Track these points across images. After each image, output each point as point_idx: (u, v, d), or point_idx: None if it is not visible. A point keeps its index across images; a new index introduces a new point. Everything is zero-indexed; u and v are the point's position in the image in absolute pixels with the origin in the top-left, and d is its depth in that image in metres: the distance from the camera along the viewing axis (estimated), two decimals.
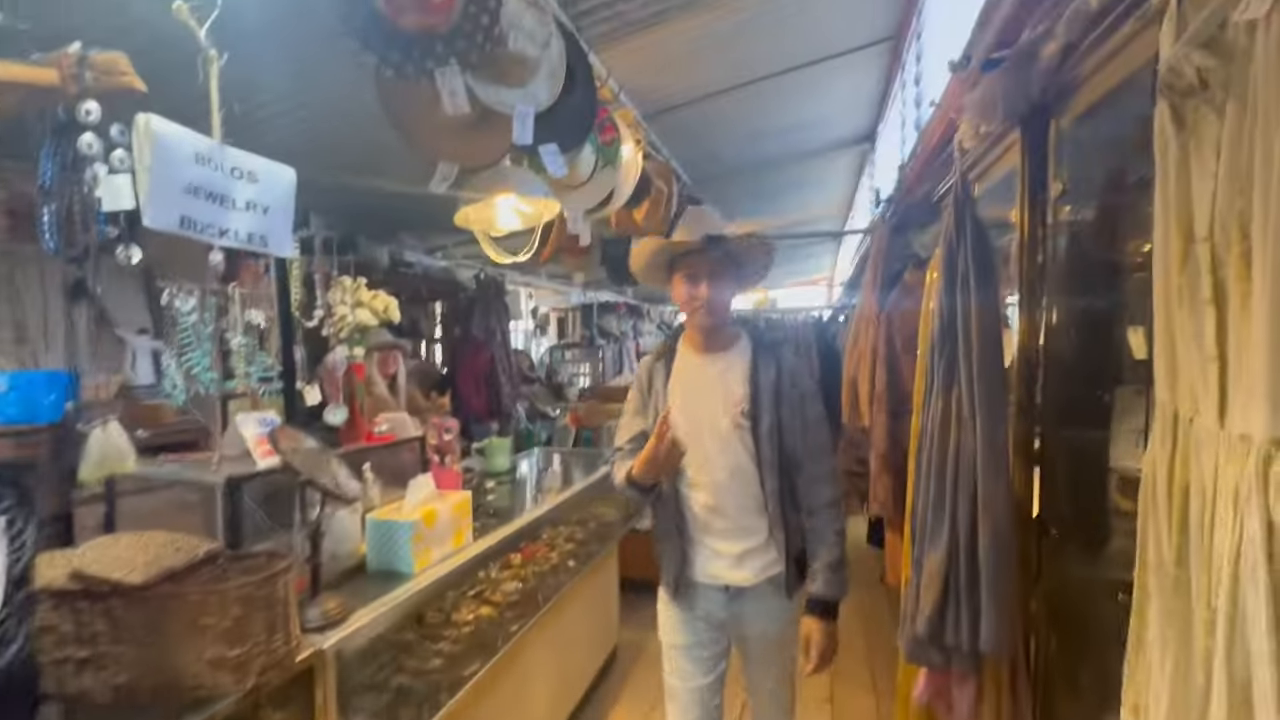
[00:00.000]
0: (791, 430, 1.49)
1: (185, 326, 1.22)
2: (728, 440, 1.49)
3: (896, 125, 3.07)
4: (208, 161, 0.96)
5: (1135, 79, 1.23)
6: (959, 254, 1.41)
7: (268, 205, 1.06)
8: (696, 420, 1.49)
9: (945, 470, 1.43)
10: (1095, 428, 1.56)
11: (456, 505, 1.61)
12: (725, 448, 1.50)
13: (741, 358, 1.55)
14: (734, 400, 1.50)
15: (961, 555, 1.37)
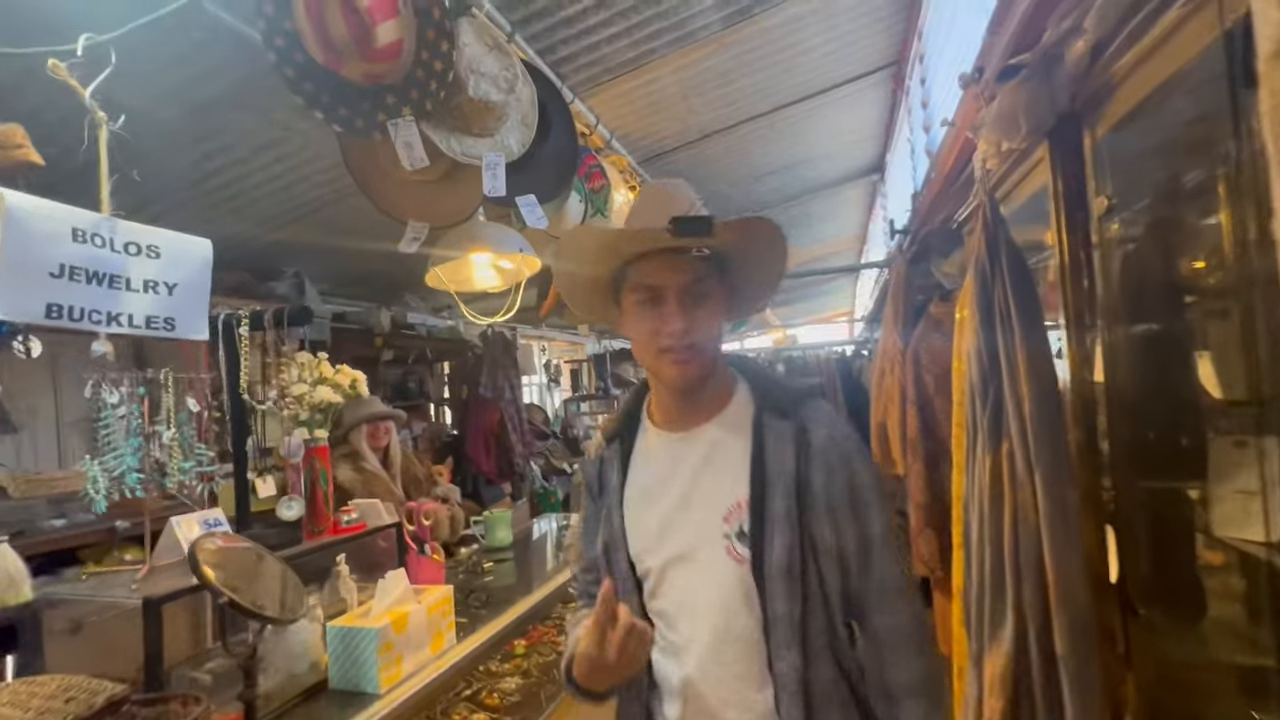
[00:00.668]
0: (831, 559, 0.87)
1: (108, 421, 1.08)
2: (715, 578, 0.87)
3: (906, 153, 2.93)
4: (90, 238, 0.83)
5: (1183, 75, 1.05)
6: (995, 286, 1.21)
7: (175, 283, 0.92)
8: (665, 544, 0.91)
9: (1002, 543, 1.19)
10: (1178, 479, 1.31)
11: (435, 604, 1.41)
12: (711, 590, 0.88)
13: (736, 429, 0.92)
14: (722, 507, 0.88)
15: (1034, 653, 1.12)
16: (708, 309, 0.90)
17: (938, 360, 2.35)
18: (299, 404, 1.35)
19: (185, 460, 1.16)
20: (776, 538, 0.85)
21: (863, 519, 0.91)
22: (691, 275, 0.89)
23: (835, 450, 0.90)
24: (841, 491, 0.89)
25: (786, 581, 0.85)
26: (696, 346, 0.88)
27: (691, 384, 0.91)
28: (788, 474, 0.87)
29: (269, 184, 2.28)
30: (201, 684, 1.27)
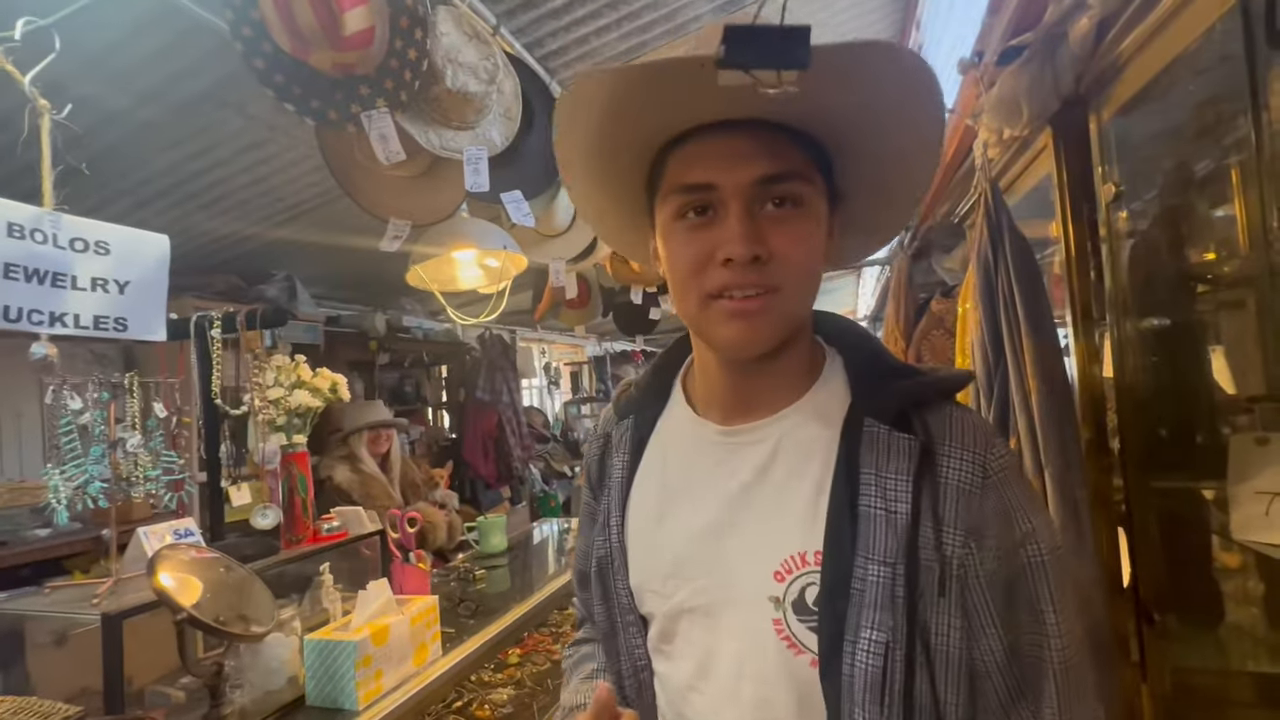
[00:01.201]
0: (958, 677, 0.53)
1: (70, 430, 1.03)
2: (751, 658, 0.57)
3: None
4: (30, 234, 0.78)
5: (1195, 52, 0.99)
6: (998, 276, 1.16)
7: (126, 281, 0.87)
8: (677, 585, 0.61)
9: None
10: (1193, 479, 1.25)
11: (419, 615, 1.36)
12: (743, 671, 0.58)
13: (816, 433, 0.59)
14: (775, 554, 0.57)
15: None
16: (799, 227, 0.54)
17: (940, 357, 2.29)
18: (275, 408, 1.31)
19: (152, 468, 1.12)
20: (864, 630, 0.51)
21: (1026, 623, 0.53)
22: (768, 167, 0.53)
23: (980, 492, 0.53)
24: (988, 568, 0.52)
25: (876, 701, 0.50)
26: (775, 290, 0.54)
27: (758, 352, 0.56)
28: (898, 522, 0.52)
29: (256, 185, 2.24)
30: (175, 701, 1.22)
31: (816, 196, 0.56)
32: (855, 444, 0.56)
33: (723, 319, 0.55)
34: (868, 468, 0.54)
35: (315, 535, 1.38)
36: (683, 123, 0.55)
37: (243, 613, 0.95)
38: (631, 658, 0.64)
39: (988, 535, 0.53)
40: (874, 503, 0.53)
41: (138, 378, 1.12)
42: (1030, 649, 0.53)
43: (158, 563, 0.90)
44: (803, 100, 0.48)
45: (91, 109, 1.68)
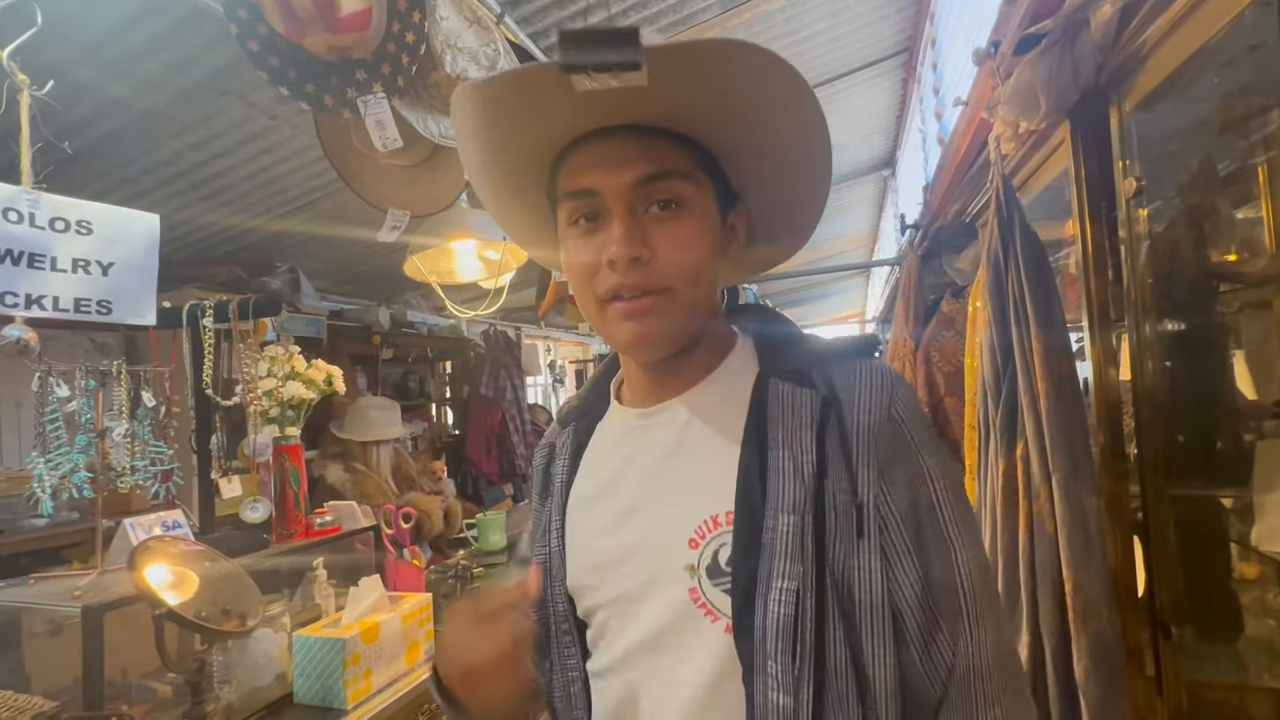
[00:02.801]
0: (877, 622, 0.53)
1: (55, 418, 1.01)
2: (674, 639, 0.57)
3: (917, 144, 2.82)
4: (3, 213, 0.76)
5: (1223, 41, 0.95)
6: (1008, 274, 1.11)
7: (110, 262, 0.85)
8: (607, 574, 0.61)
9: (1016, 555, 1.10)
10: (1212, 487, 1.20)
11: (411, 612, 1.33)
12: (667, 658, 0.58)
13: (725, 402, 0.60)
14: (688, 523, 0.57)
15: (1051, 673, 1.02)
16: (683, 226, 0.55)
17: (949, 359, 2.24)
18: (268, 399, 1.29)
19: (139, 459, 1.10)
20: (775, 580, 0.52)
21: (935, 553, 0.54)
22: (647, 168, 0.54)
23: (887, 432, 0.55)
24: (900, 505, 0.54)
25: (789, 651, 0.51)
26: (665, 290, 0.55)
27: (659, 354, 0.59)
28: (805, 471, 0.54)
29: (259, 175, 2.23)
30: (160, 696, 1.20)
31: (702, 195, 0.57)
32: (762, 405, 0.57)
33: (617, 321, 0.56)
34: (774, 424, 0.56)
35: (308, 529, 1.36)
36: (564, 132, 0.57)
37: (228, 608, 0.93)
38: (564, 670, 0.63)
39: (898, 472, 0.54)
40: (782, 456, 0.55)
41: (125, 366, 1.10)
42: (941, 579, 0.54)
43: (140, 556, 0.88)
44: (668, 102, 0.51)
45: (92, 96, 1.66)
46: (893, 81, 2.93)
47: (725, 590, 0.54)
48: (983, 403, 1.24)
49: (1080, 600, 0.98)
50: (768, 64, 0.51)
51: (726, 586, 0.54)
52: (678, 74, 0.49)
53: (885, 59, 2.67)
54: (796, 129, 0.57)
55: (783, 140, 0.58)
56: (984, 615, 0.54)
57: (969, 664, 0.53)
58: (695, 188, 0.56)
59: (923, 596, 0.53)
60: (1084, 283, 1.29)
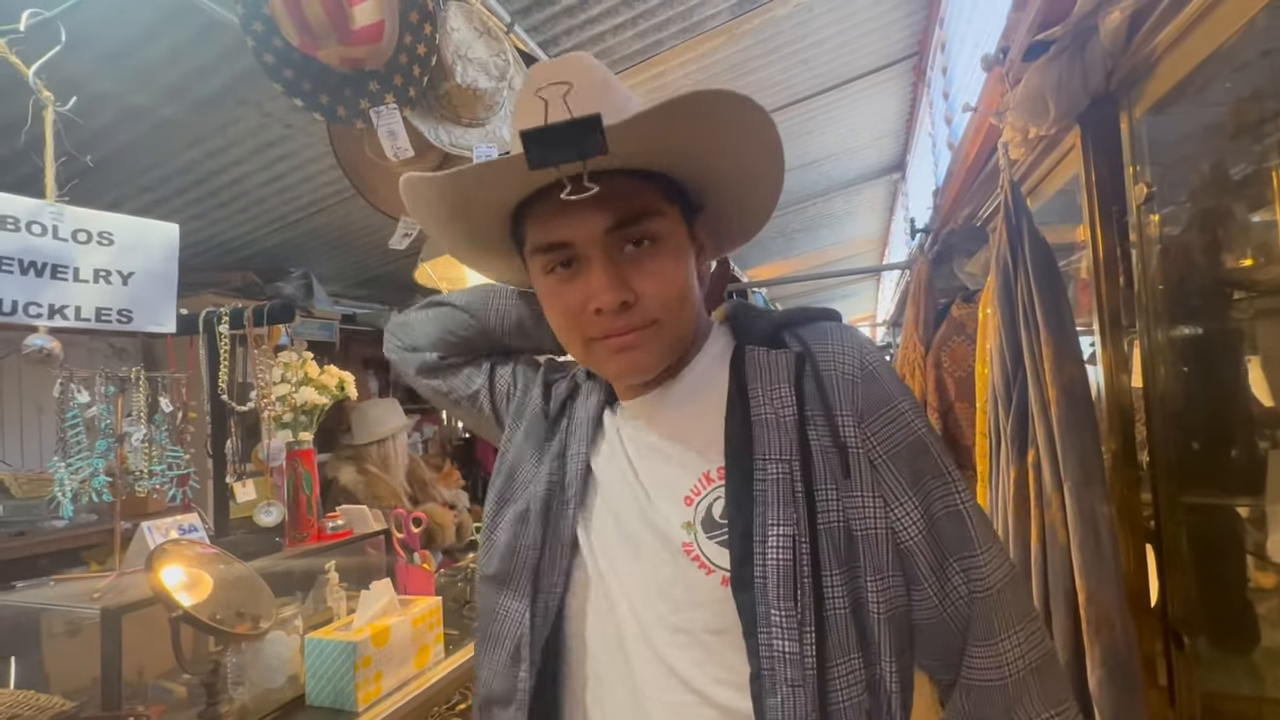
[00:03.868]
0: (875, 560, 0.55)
1: (76, 423, 1.03)
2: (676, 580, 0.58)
3: (927, 148, 2.81)
4: (26, 226, 0.78)
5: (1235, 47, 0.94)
6: (1017, 280, 1.11)
7: (131, 271, 0.87)
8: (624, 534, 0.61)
9: (1029, 564, 1.09)
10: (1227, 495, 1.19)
11: (421, 616, 1.35)
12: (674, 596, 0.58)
13: (706, 378, 0.63)
14: (682, 487, 0.59)
15: None
16: (661, 263, 0.57)
17: (960, 364, 2.23)
18: (281, 405, 1.31)
19: (156, 463, 1.12)
20: (771, 528, 0.53)
21: (924, 486, 0.56)
22: (619, 213, 0.55)
23: (862, 380, 0.57)
24: (881, 444, 0.56)
25: (790, 596, 0.51)
26: (652, 323, 0.57)
27: (649, 376, 0.61)
28: (785, 423, 0.55)
29: (274, 182, 2.26)
30: (176, 696, 1.22)
31: (673, 226, 0.59)
32: (741, 370, 0.60)
33: (608, 356, 0.59)
34: (754, 384, 0.59)
35: (320, 533, 1.38)
36: (526, 189, 0.57)
37: (242, 610, 0.94)
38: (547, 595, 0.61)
39: (879, 419, 0.57)
40: (764, 411, 0.57)
41: (144, 372, 1.12)
42: (944, 511, 0.56)
43: (157, 558, 0.89)
44: (631, 156, 0.53)
45: (111, 106, 1.70)
46: (902, 85, 2.92)
47: (720, 543, 0.55)
48: (993, 410, 1.24)
49: (1094, 610, 0.97)
50: (733, 106, 0.53)
51: (722, 539, 0.55)
52: (639, 138, 0.51)
53: (895, 63, 2.67)
54: (756, 150, 0.59)
55: (743, 160, 0.59)
56: (987, 540, 0.57)
57: (985, 588, 0.55)
58: (666, 221, 0.58)
59: (927, 532, 0.55)
60: (1095, 288, 1.28)
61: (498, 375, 0.75)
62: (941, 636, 0.56)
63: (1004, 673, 0.55)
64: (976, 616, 0.55)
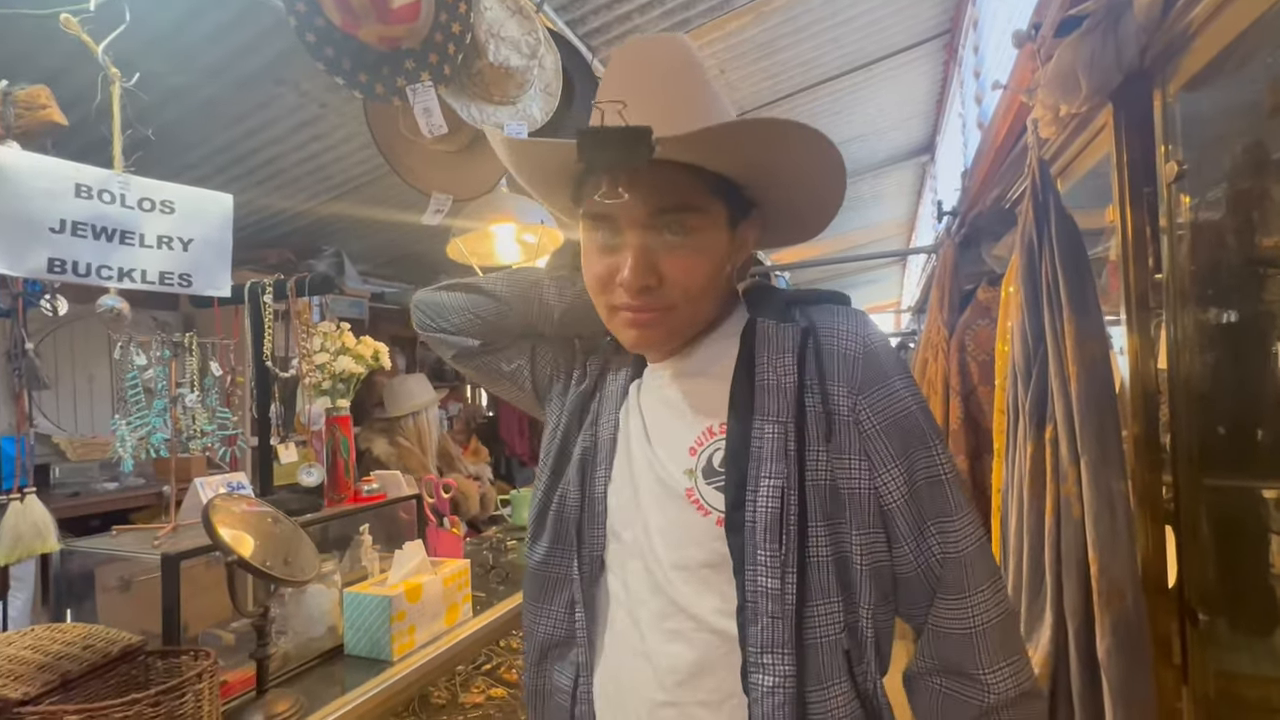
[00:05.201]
0: (860, 516, 0.62)
1: (135, 384, 1.11)
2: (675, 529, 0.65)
3: (957, 129, 2.77)
4: (97, 194, 0.84)
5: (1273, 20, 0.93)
6: (1042, 257, 1.11)
7: (190, 238, 0.93)
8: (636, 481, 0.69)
9: (1042, 537, 1.11)
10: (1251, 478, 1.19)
11: (451, 576, 1.41)
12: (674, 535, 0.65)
13: (718, 347, 0.69)
14: (688, 438, 0.66)
15: (1073, 652, 1.03)
16: (691, 255, 0.61)
17: (984, 347, 2.22)
18: (321, 372, 1.37)
19: (208, 423, 1.19)
20: (763, 480, 0.59)
21: (910, 456, 0.61)
22: (663, 200, 0.59)
23: (862, 358, 0.63)
24: (874, 415, 0.61)
25: (776, 540, 0.58)
26: (669, 308, 0.62)
27: (659, 353, 0.69)
28: (785, 388, 0.62)
29: (308, 161, 2.32)
30: (225, 643, 1.30)
31: (712, 222, 0.63)
32: (751, 339, 0.66)
33: (623, 327, 0.65)
34: (761, 352, 0.65)
35: (356, 495, 1.45)
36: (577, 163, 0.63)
37: (288, 559, 1.01)
38: (592, 546, 0.69)
39: (875, 392, 0.63)
40: (767, 376, 0.63)
41: (196, 338, 1.19)
42: (926, 478, 0.62)
43: (211, 511, 0.96)
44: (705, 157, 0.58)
45: (157, 85, 1.77)
46: (933, 65, 2.87)
47: (717, 488, 0.63)
48: (1012, 386, 1.25)
49: (1105, 582, 0.99)
50: (778, 134, 0.58)
51: (719, 484, 0.63)
52: (689, 150, 0.56)
53: (926, 41, 2.63)
54: (816, 171, 0.63)
55: (802, 178, 0.64)
56: (962, 508, 0.63)
57: (957, 550, 0.62)
58: (706, 217, 0.62)
59: (910, 497, 0.62)
60: (1123, 271, 1.27)
61: (539, 355, 0.80)
62: (915, 589, 0.63)
63: (968, 624, 0.61)
64: (948, 574, 0.62)
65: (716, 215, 0.63)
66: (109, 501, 2.19)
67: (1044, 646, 1.05)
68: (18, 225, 0.75)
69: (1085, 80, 1.19)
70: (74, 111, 0.98)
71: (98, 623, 1.48)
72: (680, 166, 0.59)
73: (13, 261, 0.75)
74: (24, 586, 1.67)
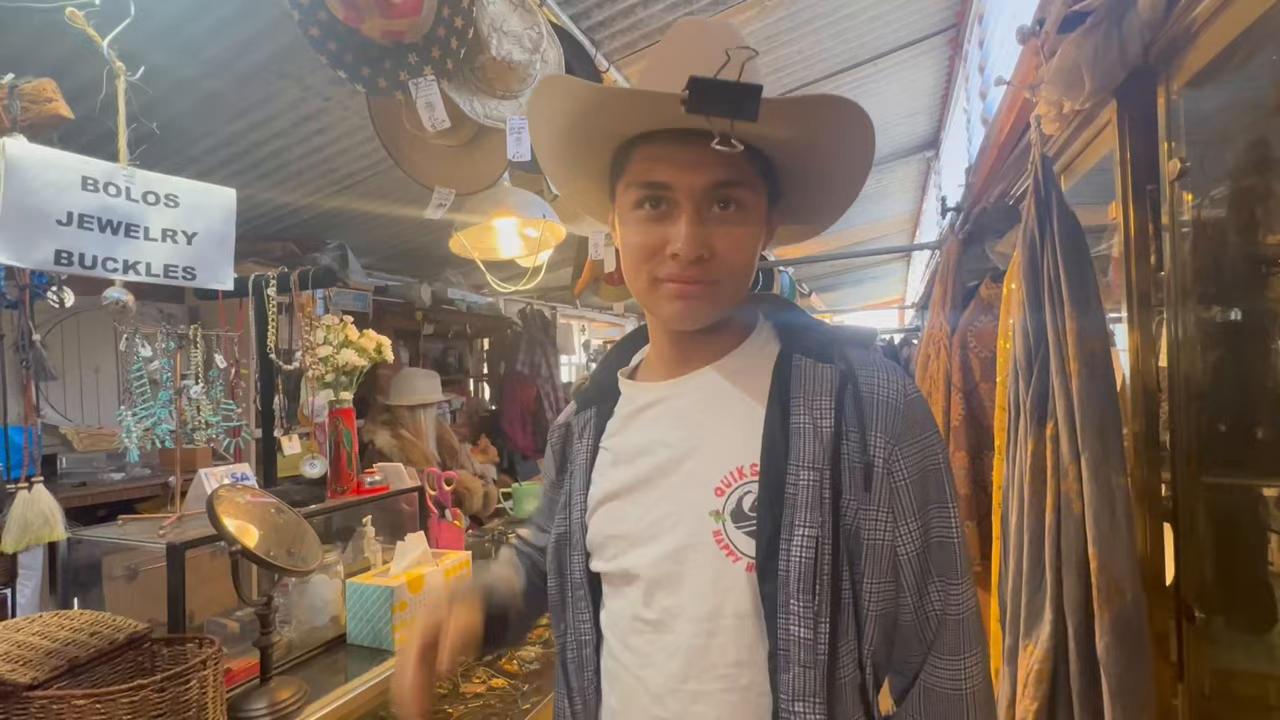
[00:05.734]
0: (878, 569, 0.61)
1: (140, 375, 1.12)
2: (698, 583, 0.63)
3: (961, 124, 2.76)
4: (103, 187, 0.85)
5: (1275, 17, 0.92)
6: (1044, 253, 1.11)
7: (195, 232, 0.94)
8: (629, 528, 0.67)
9: (1042, 533, 1.11)
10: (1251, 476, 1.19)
11: (452, 567, 1.42)
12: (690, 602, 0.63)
13: (750, 370, 0.67)
14: (715, 474, 0.63)
15: (1073, 648, 1.04)
16: (740, 228, 0.62)
17: (986, 344, 2.22)
18: (324, 365, 1.38)
19: (213, 415, 1.20)
20: (798, 529, 0.58)
21: (929, 513, 0.62)
22: (719, 174, 0.60)
23: (903, 409, 0.62)
24: (907, 468, 0.61)
25: (810, 591, 0.57)
26: (714, 281, 0.62)
27: (697, 327, 0.65)
28: (824, 434, 0.60)
29: (312, 155, 2.33)
30: (230, 631, 1.32)
31: (758, 201, 0.64)
32: (786, 376, 0.65)
33: (668, 299, 0.63)
34: (796, 393, 0.63)
35: (358, 487, 1.46)
36: (647, 126, 0.62)
37: (291, 550, 1.02)
38: (577, 631, 0.70)
39: (910, 445, 0.62)
40: (803, 420, 0.62)
41: (201, 330, 1.20)
42: (940, 539, 0.63)
43: (215, 501, 0.97)
44: (758, 133, 0.59)
45: (162, 79, 1.77)
46: (938, 59, 2.85)
47: (748, 533, 0.61)
48: (1013, 383, 1.25)
49: (1104, 579, 0.99)
50: (855, 116, 0.59)
51: (750, 529, 0.61)
52: (781, 119, 0.57)
53: (931, 36, 2.61)
54: (851, 154, 0.64)
55: (838, 160, 0.65)
56: (966, 572, 0.64)
57: (957, 612, 0.63)
58: (755, 195, 0.63)
59: (921, 553, 0.62)
60: (1125, 268, 1.27)
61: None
62: (910, 639, 0.64)
63: (960, 685, 0.62)
64: (945, 633, 0.62)
65: (761, 196, 0.64)
66: (115, 492, 2.21)
67: (1044, 643, 1.06)
68: (26, 217, 0.76)
69: (1089, 76, 1.19)
70: (80, 105, 0.98)
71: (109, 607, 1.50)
72: (736, 147, 0.59)
73: (20, 253, 0.76)
74: (32, 575, 1.69)
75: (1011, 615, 1.18)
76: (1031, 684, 1.07)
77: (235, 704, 1.02)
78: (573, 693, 0.70)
